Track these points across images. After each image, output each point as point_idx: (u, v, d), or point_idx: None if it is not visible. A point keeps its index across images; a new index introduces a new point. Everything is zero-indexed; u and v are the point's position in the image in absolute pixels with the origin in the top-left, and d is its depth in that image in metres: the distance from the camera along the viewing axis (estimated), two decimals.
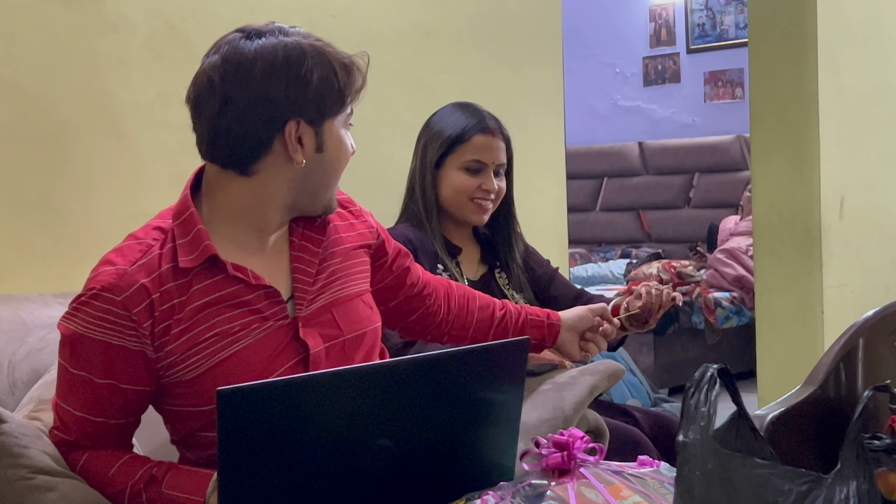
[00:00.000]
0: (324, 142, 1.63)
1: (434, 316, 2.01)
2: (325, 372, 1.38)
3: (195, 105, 1.62)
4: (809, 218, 3.72)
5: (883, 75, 4.07)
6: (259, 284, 1.63)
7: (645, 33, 7.76)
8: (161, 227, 1.63)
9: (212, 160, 1.64)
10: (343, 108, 1.65)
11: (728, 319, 5.63)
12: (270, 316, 1.63)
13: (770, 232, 3.79)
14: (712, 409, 1.13)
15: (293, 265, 1.69)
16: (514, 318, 2.09)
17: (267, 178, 1.63)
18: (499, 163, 2.37)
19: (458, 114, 2.39)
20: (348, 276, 1.75)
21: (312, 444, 1.26)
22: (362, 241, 1.81)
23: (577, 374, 2.08)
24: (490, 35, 3.57)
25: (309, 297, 1.68)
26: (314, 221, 1.74)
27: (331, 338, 1.68)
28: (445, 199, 2.37)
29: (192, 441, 1.66)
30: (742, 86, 7.20)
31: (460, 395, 1.38)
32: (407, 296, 1.96)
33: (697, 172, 7.15)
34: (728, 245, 5.88)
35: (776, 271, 3.79)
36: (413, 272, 1.96)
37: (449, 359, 1.40)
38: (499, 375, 1.42)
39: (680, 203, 7.21)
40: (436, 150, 2.36)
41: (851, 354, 1.99)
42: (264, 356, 1.61)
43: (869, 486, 1.10)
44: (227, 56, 1.59)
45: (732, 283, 5.72)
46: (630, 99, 7.83)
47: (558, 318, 2.13)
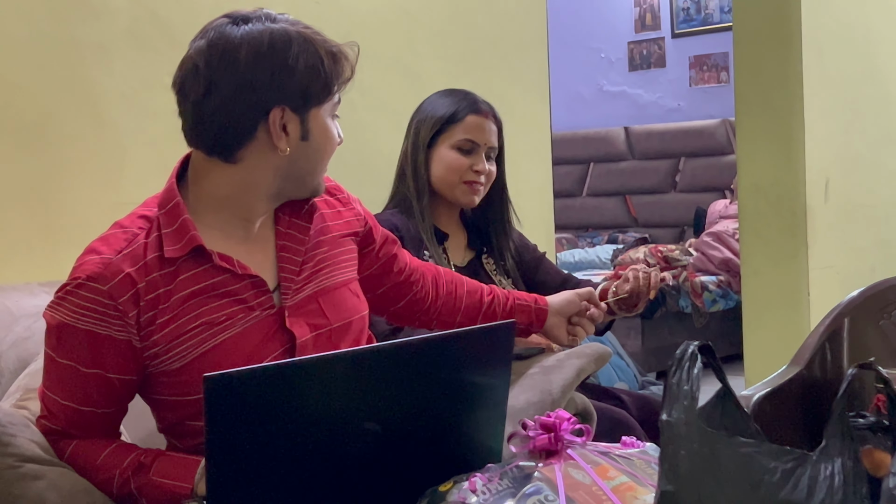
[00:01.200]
0: (309, 130, 1.63)
1: (422, 302, 2.01)
2: (311, 357, 1.38)
3: (180, 90, 1.61)
4: (795, 200, 3.73)
5: (867, 58, 4.08)
6: (245, 274, 1.63)
7: (630, 18, 7.76)
8: (146, 216, 1.62)
9: (197, 146, 1.64)
10: (329, 96, 1.64)
11: (715, 303, 5.65)
12: (256, 305, 1.63)
13: (756, 215, 3.80)
14: (695, 387, 1.13)
15: (279, 254, 1.69)
16: (501, 302, 2.09)
17: (252, 165, 1.62)
18: (490, 145, 2.38)
19: (451, 97, 2.41)
20: (335, 265, 1.75)
21: (300, 429, 1.26)
22: (349, 229, 1.81)
23: (565, 357, 2.09)
24: (475, 21, 3.57)
25: (295, 286, 1.67)
26: (300, 209, 1.73)
27: (317, 327, 1.68)
28: (437, 179, 2.37)
29: (180, 430, 1.66)
30: (727, 70, 7.21)
31: (447, 379, 1.38)
32: (395, 282, 1.96)
33: (683, 157, 7.16)
34: (715, 228, 5.89)
35: (762, 254, 3.80)
36: (400, 259, 1.96)
37: (436, 343, 1.40)
38: (485, 359, 1.42)
39: (666, 187, 7.22)
40: (428, 130, 2.37)
41: (836, 334, 2.00)
42: (250, 345, 1.61)
43: (854, 462, 1.11)
44: (212, 41, 1.58)
45: (719, 266, 5.74)
46: (615, 84, 7.83)
47: (546, 302, 2.13)
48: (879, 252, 4.07)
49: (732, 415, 1.24)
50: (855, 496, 1.08)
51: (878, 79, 4.13)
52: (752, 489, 1.09)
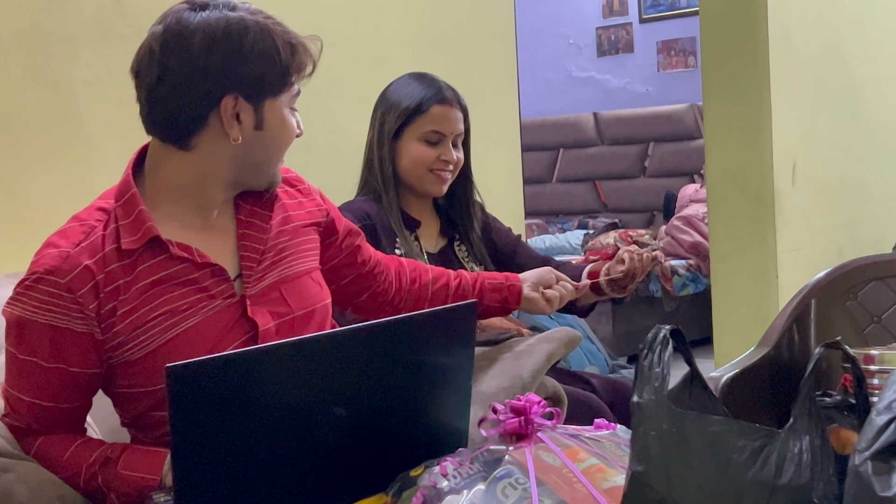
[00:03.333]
0: (264, 119, 1.62)
1: (385, 294, 2.00)
2: (274, 344, 1.38)
3: (137, 75, 1.61)
4: (762, 184, 3.75)
5: (833, 42, 4.10)
6: (205, 263, 1.62)
7: (597, 3, 7.77)
8: (104, 208, 1.62)
9: (152, 133, 1.63)
10: (286, 87, 1.63)
11: (685, 287, 5.67)
12: (218, 294, 1.62)
13: (724, 199, 3.82)
14: (666, 370, 1.14)
15: (240, 243, 1.68)
16: (470, 285, 2.08)
17: (206, 153, 1.61)
18: (457, 133, 2.37)
19: (415, 84, 2.38)
20: (297, 254, 1.74)
21: (265, 416, 1.26)
22: (311, 220, 1.80)
23: (535, 341, 2.09)
24: (442, 7, 3.56)
25: (256, 274, 1.67)
26: (261, 198, 1.72)
27: (280, 315, 1.67)
28: (404, 170, 2.36)
29: (143, 422, 1.65)
30: (695, 54, 7.24)
31: (411, 361, 1.38)
32: (357, 274, 1.95)
33: (652, 142, 7.18)
34: (685, 212, 5.92)
35: (731, 237, 3.82)
36: (363, 250, 1.96)
37: (398, 325, 1.40)
38: (448, 340, 1.42)
39: (635, 172, 7.24)
40: (393, 122, 2.35)
41: (804, 316, 2.02)
42: (213, 334, 1.60)
43: (821, 441, 1.12)
44: (168, 26, 1.58)
45: (689, 250, 5.76)
46: (584, 70, 7.84)
47: (517, 278, 2.13)
48: (846, 234, 4.11)
49: (700, 396, 1.25)
50: (822, 474, 1.09)
51: (843, 63, 4.16)
52: (721, 468, 1.10)
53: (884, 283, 2.08)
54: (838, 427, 1.23)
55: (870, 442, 1.01)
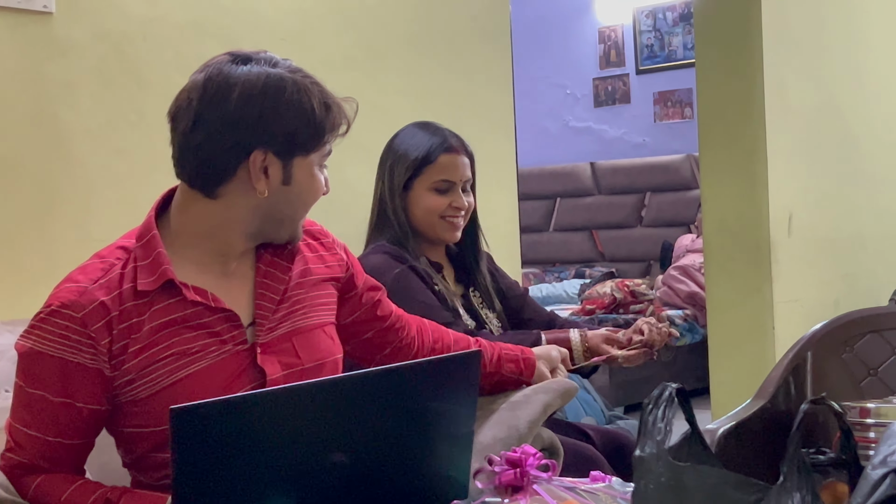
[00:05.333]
0: (292, 176, 1.64)
1: (408, 349, 2.00)
2: (278, 388, 1.38)
3: (172, 119, 1.64)
4: (759, 234, 3.77)
5: (828, 93, 4.14)
6: (219, 308, 1.63)
7: (594, 55, 7.84)
8: (125, 247, 1.64)
9: (181, 177, 1.66)
10: (318, 145, 1.65)
11: (682, 337, 5.67)
12: (229, 339, 1.64)
13: (720, 249, 3.84)
14: (668, 426, 1.15)
15: (257, 291, 1.70)
16: (488, 352, 2.09)
17: (230, 202, 1.64)
18: (465, 179, 2.41)
19: (421, 134, 2.41)
20: (312, 307, 1.76)
21: (267, 461, 1.26)
22: (331, 274, 1.82)
23: (531, 392, 2.09)
24: (440, 56, 3.60)
25: (270, 323, 1.68)
26: (283, 249, 1.74)
27: (289, 366, 1.68)
28: (417, 219, 2.39)
29: (146, 463, 1.65)
30: (691, 105, 7.29)
31: (413, 409, 1.39)
32: (379, 328, 1.96)
33: (649, 191, 7.21)
34: (681, 262, 5.93)
35: (727, 287, 3.83)
36: (384, 305, 1.96)
37: (402, 372, 1.41)
38: (451, 388, 1.43)
39: (632, 222, 7.27)
40: (402, 173, 2.39)
41: (800, 368, 2.02)
42: (220, 379, 1.61)
43: (812, 497, 1.12)
44: (209, 76, 1.61)
45: (685, 300, 5.77)
46: (581, 120, 7.89)
47: (531, 352, 2.15)
48: (843, 285, 4.12)
49: (698, 452, 1.25)
50: None
51: (838, 114, 4.19)
52: None
53: (880, 336, 2.09)
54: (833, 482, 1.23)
55: (865, 496, 1.02)
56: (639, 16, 7.62)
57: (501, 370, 2.10)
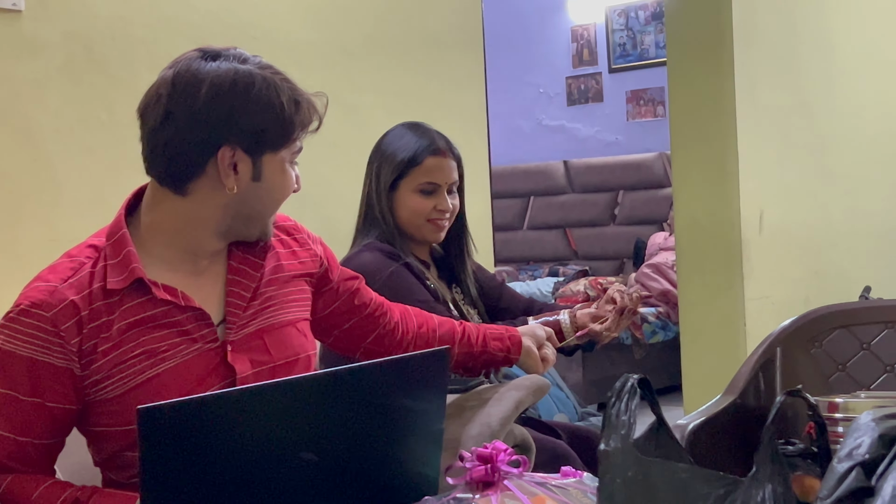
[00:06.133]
0: (262, 172, 1.64)
1: (392, 335, 2.00)
2: (246, 387, 1.38)
3: (142, 115, 1.64)
4: (730, 232, 3.79)
5: (798, 91, 4.16)
6: (189, 306, 1.63)
7: (567, 53, 7.86)
8: (95, 246, 1.64)
9: (150, 174, 1.66)
10: (288, 142, 1.65)
11: (655, 334, 5.70)
12: (199, 338, 1.64)
13: (692, 247, 3.86)
14: (632, 418, 1.15)
15: (228, 289, 1.70)
16: (474, 332, 2.11)
17: (200, 199, 1.64)
18: (451, 181, 2.43)
19: (409, 135, 2.43)
20: (283, 304, 1.76)
21: (236, 460, 1.26)
22: (304, 270, 1.82)
23: (504, 389, 2.10)
24: (413, 55, 3.60)
25: (240, 321, 1.68)
26: (254, 247, 1.75)
27: (260, 363, 1.68)
28: (402, 220, 2.42)
29: (117, 462, 1.65)
30: (663, 104, 7.32)
31: (383, 407, 1.39)
32: (360, 317, 1.96)
33: (622, 190, 7.24)
34: (654, 260, 5.96)
35: (699, 285, 3.85)
36: (363, 294, 1.97)
37: (370, 370, 1.41)
38: (420, 386, 1.43)
39: (605, 220, 7.30)
40: (389, 174, 2.41)
41: (769, 364, 2.04)
42: (190, 378, 1.61)
43: (784, 489, 1.13)
44: (179, 73, 1.61)
45: (659, 297, 5.80)
46: (554, 118, 7.92)
47: (515, 330, 2.16)
48: (813, 283, 4.14)
49: (666, 444, 1.26)
50: None
51: (809, 113, 4.22)
52: None
53: (848, 332, 2.11)
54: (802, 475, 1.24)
55: (831, 489, 1.03)
56: (611, 14, 7.65)
57: (488, 348, 2.10)
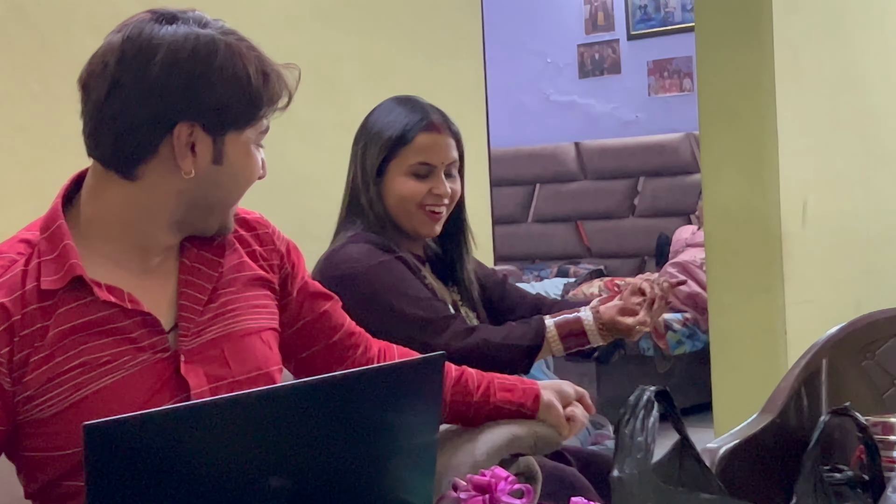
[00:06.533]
0: (224, 154, 1.64)
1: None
2: (207, 401, 1.38)
3: (84, 87, 1.63)
4: (768, 225, 3.79)
5: (847, 60, 4.16)
6: (135, 310, 1.62)
7: (579, 17, 7.86)
8: (28, 240, 1.63)
9: (94, 155, 1.64)
10: (253, 120, 1.65)
11: (680, 344, 5.70)
12: (147, 347, 1.63)
13: (724, 242, 3.86)
14: (650, 439, 1.15)
15: (181, 290, 1.69)
16: (474, 379, 2.04)
17: (151, 185, 1.63)
18: (448, 161, 2.41)
19: (398, 110, 2.43)
20: (246, 308, 1.75)
21: (196, 485, 1.26)
22: (263, 274, 1.81)
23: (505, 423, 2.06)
24: (399, 20, 3.59)
25: (195, 327, 1.67)
26: (211, 242, 1.73)
27: (217, 377, 1.67)
28: (393, 209, 2.40)
29: (52, 492, 1.63)
30: (691, 76, 7.32)
31: (366, 425, 1.38)
32: (324, 344, 1.93)
33: (643, 176, 7.24)
34: (680, 258, 5.96)
35: (732, 287, 3.85)
36: (332, 317, 1.93)
37: (351, 381, 1.40)
38: (409, 399, 1.42)
39: (623, 212, 7.30)
40: (376, 156, 2.40)
41: (814, 377, 2.03)
42: (137, 394, 1.60)
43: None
44: (129, 37, 1.60)
45: (685, 301, 5.79)
46: (564, 93, 7.91)
47: (534, 382, 2.09)
48: (865, 283, 4.15)
49: (692, 470, 1.26)
50: None
51: (858, 85, 4.21)
52: None
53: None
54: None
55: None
56: None
57: (492, 400, 2.04)
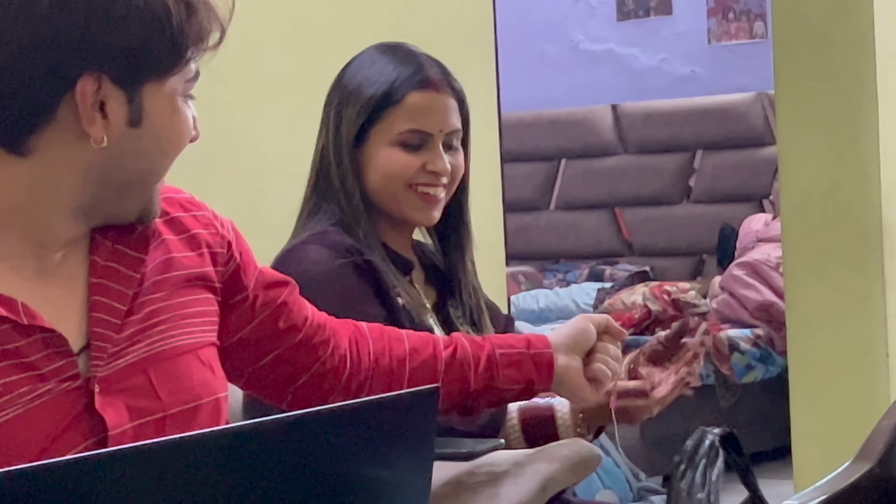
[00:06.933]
0: (143, 112, 1.64)
1: (335, 375, 1.99)
2: (131, 447, 1.38)
3: None
4: (865, 215, 3.79)
5: None
6: (35, 326, 1.62)
7: None
8: None
9: None
10: (178, 65, 1.65)
11: (750, 370, 5.71)
12: (51, 374, 1.62)
13: (806, 237, 3.86)
14: (713, 496, 1.16)
15: (92, 298, 1.69)
16: (472, 358, 2.08)
17: (49, 160, 1.63)
18: (449, 130, 2.40)
19: (384, 61, 2.42)
20: (178, 319, 1.75)
21: None
22: (202, 269, 1.82)
23: (527, 458, 2.09)
24: None
25: (113, 347, 1.67)
26: (130, 232, 1.73)
27: (143, 412, 1.67)
28: (374, 190, 2.38)
29: None
30: (763, 18, 7.34)
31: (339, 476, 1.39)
32: (286, 347, 1.94)
33: (700, 150, 7.26)
34: (749, 257, 5.96)
35: (817, 295, 3.86)
36: (293, 310, 1.94)
37: (320, 420, 1.41)
38: (395, 445, 1.43)
39: (676, 196, 7.31)
40: (353, 119, 2.38)
41: None
42: (38, 436, 1.60)
43: None
44: None
45: (756, 313, 5.80)
46: (598, 40, 7.93)
47: (545, 342, 2.11)
48: None
49: None
50: None
51: None
52: None
53: None
54: None
55: None
56: None
57: (496, 383, 2.08)
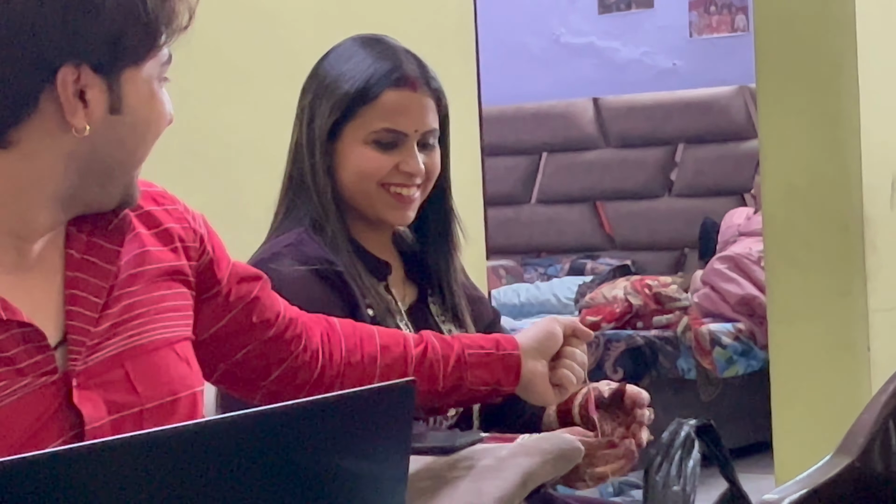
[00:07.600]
0: (122, 99, 1.64)
1: (307, 370, 2.00)
2: (109, 441, 1.38)
3: None
4: (847, 209, 3.80)
5: None
6: (12, 320, 1.62)
7: None
8: None
9: None
10: (152, 50, 1.66)
11: (732, 364, 5.72)
12: (28, 369, 1.62)
13: (787, 230, 3.86)
14: (689, 488, 1.16)
15: (68, 292, 1.69)
16: (441, 357, 2.10)
17: (31, 151, 1.63)
18: (425, 129, 2.39)
19: (361, 55, 2.40)
20: (155, 313, 1.75)
21: None
22: (177, 263, 1.82)
23: (508, 453, 2.09)
24: None
25: (91, 341, 1.68)
26: (105, 225, 1.73)
27: (120, 406, 1.68)
28: (347, 188, 2.37)
29: None
30: (745, 11, 7.35)
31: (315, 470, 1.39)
32: (259, 341, 1.96)
33: (682, 143, 7.27)
34: (731, 251, 5.98)
35: (798, 289, 3.86)
36: (265, 305, 1.96)
37: (299, 413, 1.41)
38: (370, 438, 1.43)
39: (657, 189, 7.32)
40: (326, 114, 2.37)
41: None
42: (17, 430, 1.60)
43: None
44: None
45: (738, 307, 5.81)
46: (579, 33, 7.93)
47: (514, 344, 2.14)
48: None
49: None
50: None
51: None
52: None
53: None
54: None
55: None
56: None
57: (465, 383, 2.11)
